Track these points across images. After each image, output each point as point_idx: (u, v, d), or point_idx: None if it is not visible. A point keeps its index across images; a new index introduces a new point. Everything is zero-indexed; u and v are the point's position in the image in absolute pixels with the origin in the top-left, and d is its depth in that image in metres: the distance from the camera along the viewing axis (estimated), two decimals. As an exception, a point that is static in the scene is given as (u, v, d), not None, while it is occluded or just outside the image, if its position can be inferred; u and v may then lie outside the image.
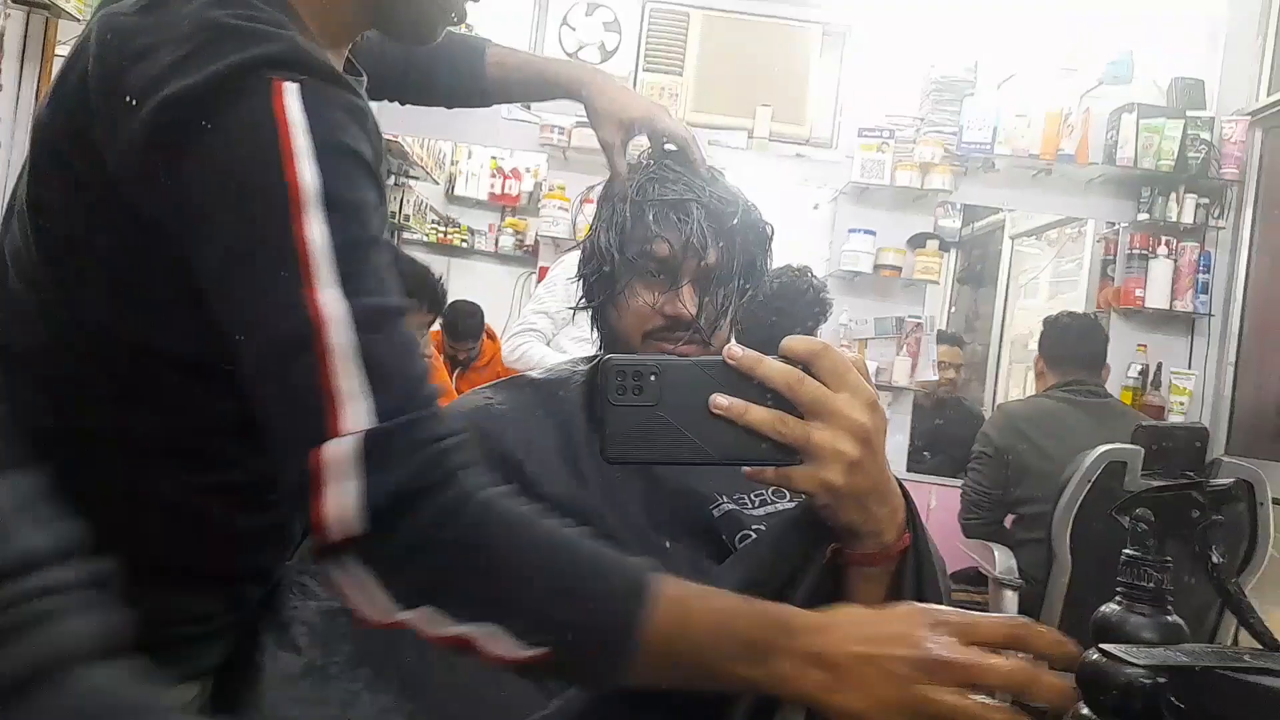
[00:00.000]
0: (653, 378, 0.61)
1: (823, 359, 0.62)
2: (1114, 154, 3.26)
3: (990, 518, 2.65)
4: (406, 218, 4.68)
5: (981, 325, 5.02)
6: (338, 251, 0.58)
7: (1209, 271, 3.30)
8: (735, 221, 0.96)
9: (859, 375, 0.62)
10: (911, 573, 0.67)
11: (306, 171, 0.59)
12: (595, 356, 1.12)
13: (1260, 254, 3.29)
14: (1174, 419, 3.24)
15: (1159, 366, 3.34)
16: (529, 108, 3.36)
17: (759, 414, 0.60)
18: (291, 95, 0.60)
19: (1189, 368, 3.37)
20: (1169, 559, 0.71)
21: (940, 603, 0.68)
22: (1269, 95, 3.26)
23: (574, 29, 3.32)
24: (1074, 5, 3.36)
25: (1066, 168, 3.29)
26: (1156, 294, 3.29)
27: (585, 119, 1.19)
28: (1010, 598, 2.30)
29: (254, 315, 0.60)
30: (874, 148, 3.25)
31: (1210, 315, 3.33)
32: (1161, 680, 0.66)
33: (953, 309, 5.14)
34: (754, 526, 0.90)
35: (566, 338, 2.66)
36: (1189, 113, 3.25)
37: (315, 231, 0.58)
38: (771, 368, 0.61)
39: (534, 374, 1.09)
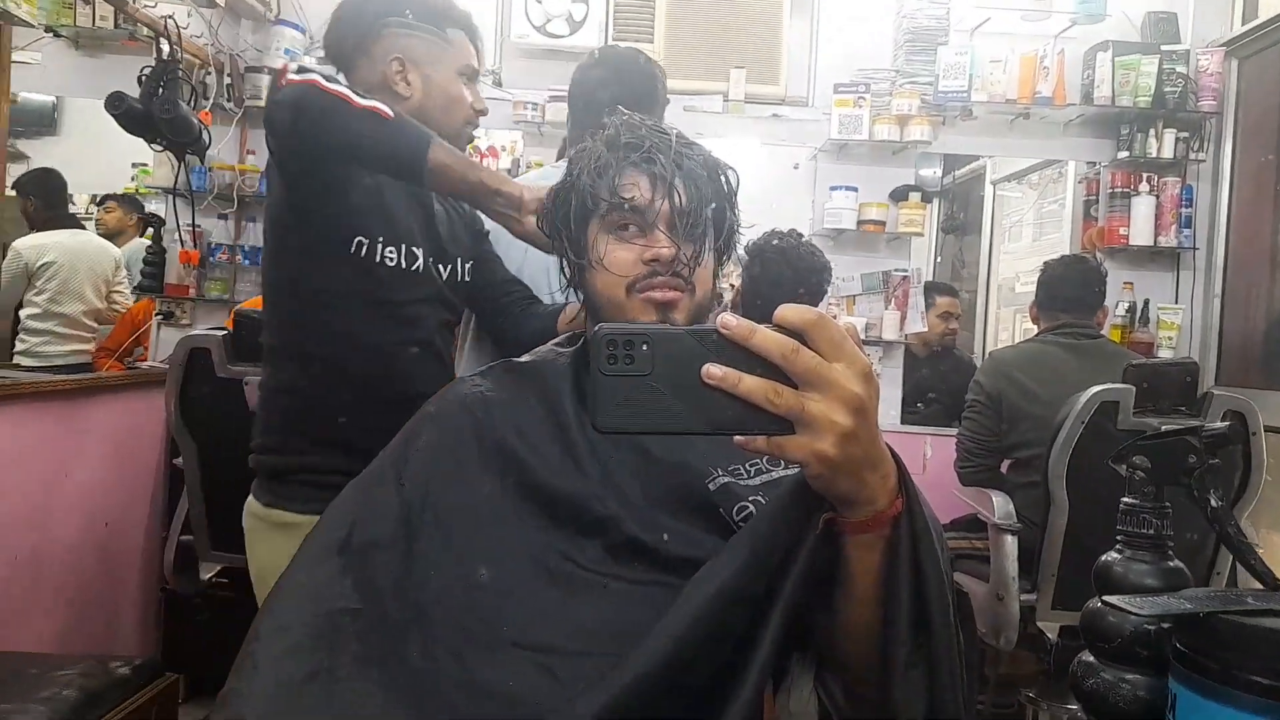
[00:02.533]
0: (644, 347, 0.60)
1: (818, 328, 0.61)
2: (1091, 93, 3.24)
3: (986, 464, 2.67)
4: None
5: (968, 273, 5.02)
6: None
7: (1191, 205, 3.30)
8: (697, 161, 1.00)
9: (854, 345, 0.62)
10: (906, 536, 0.68)
11: None
12: (577, 336, 1.12)
13: (1241, 184, 3.29)
14: (1163, 354, 3.25)
15: (1146, 303, 3.35)
16: (500, 84, 3.32)
17: (752, 383, 0.60)
18: None
19: (1175, 302, 3.38)
20: (1167, 504, 0.72)
21: (938, 565, 0.68)
22: (1242, 24, 3.25)
23: (540, 1, 3.27)
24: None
25: (1044, 110, 3.27)
26: (1140, 231, 3.29)
27: (558, 93, 1.25)
28: (1010, 542, 2.33)
29: None
30: (850, 103, 3.22)
31: (1195, 249, 3.33)
32: (1165, 627, 0.67)
33: (938, 259, 5.13)
34: (751, 498, 0.90)
35: None
36: (1163, 47, 3.23)
37: None
38: (766, 337, 0.60)
39: (520, 359, 1.10)
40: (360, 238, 1.41)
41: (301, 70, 1.26)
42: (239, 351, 2.17)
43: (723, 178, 1.02)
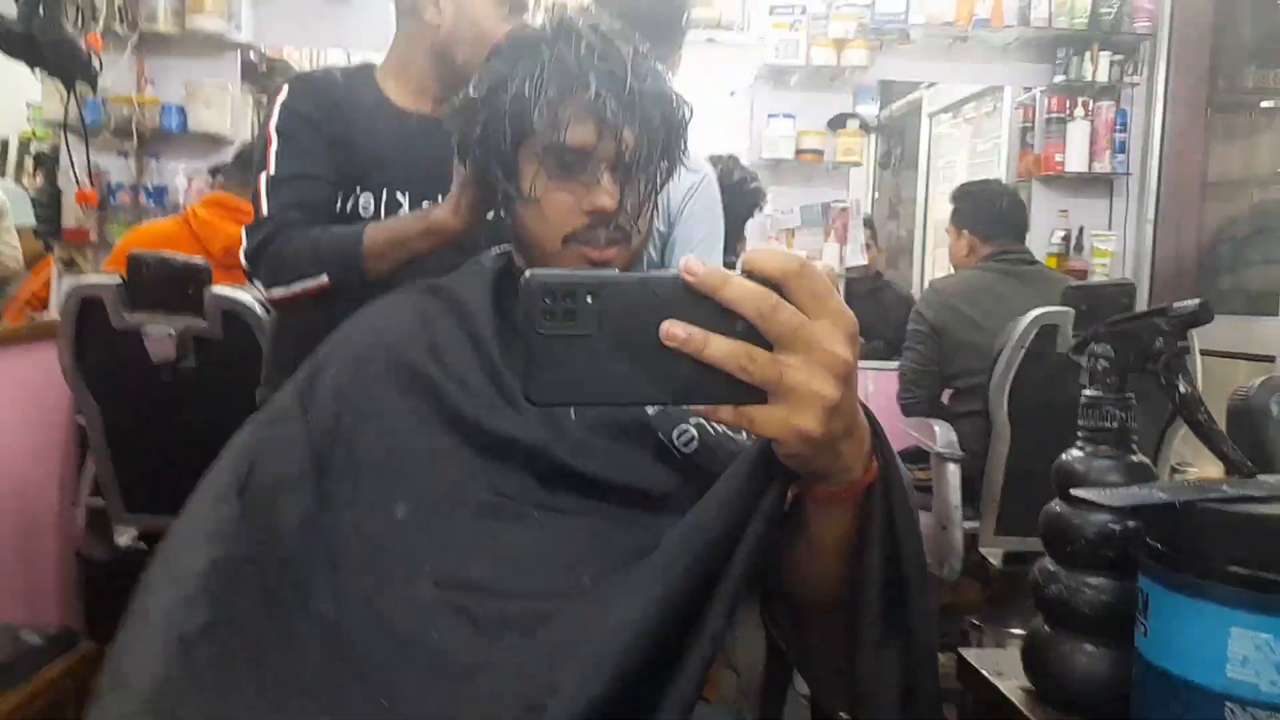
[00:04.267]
0: (589, 300, 0.49)
1: (799, 278, 0.50)
2: (1028, 15, 3.21)
3: (927, 394, 2.65)
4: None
5: (904, 210, 5.02)
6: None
7: (1125, 129, 3.30)
8: (651, 97, 0.87)
9: (839, 298, 0.52)
10: (880, 499, 0.60)
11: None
12: (503, 250, 1.02)
13: (1175, 108, 3.29)
14: (1098, 279, 3.26)
15: (1080, 230, 3.36)
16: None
17: (722, 347, 0.49)
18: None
19: (1109, 229, 3.39)
20: (1130, 395, 0.66)
21: (915, 533, 0.61)
22: (1176, -56, 3.22)
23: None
24: None
25: (982, 34, 3.22)
26: (1075, 157, 3.28)
27: None
28: (953, 470, 2.32)
29: None
30: (786, 26, 3.13)
31: (1129, 174, 3.34)
32: (1132, 525, 0.62)
33: (875, 195, 5.12)
34: (692, 420, 0.83)
35: None
36: (1099, -33, 3.19)
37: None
38: (740, 289, 0.49)
39: (433, 281, 1.01)
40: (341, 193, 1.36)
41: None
42: (135, 299, 2.01)
43: (677, 114, 0.91)
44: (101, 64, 2.58)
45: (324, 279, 1.23)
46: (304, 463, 0.82)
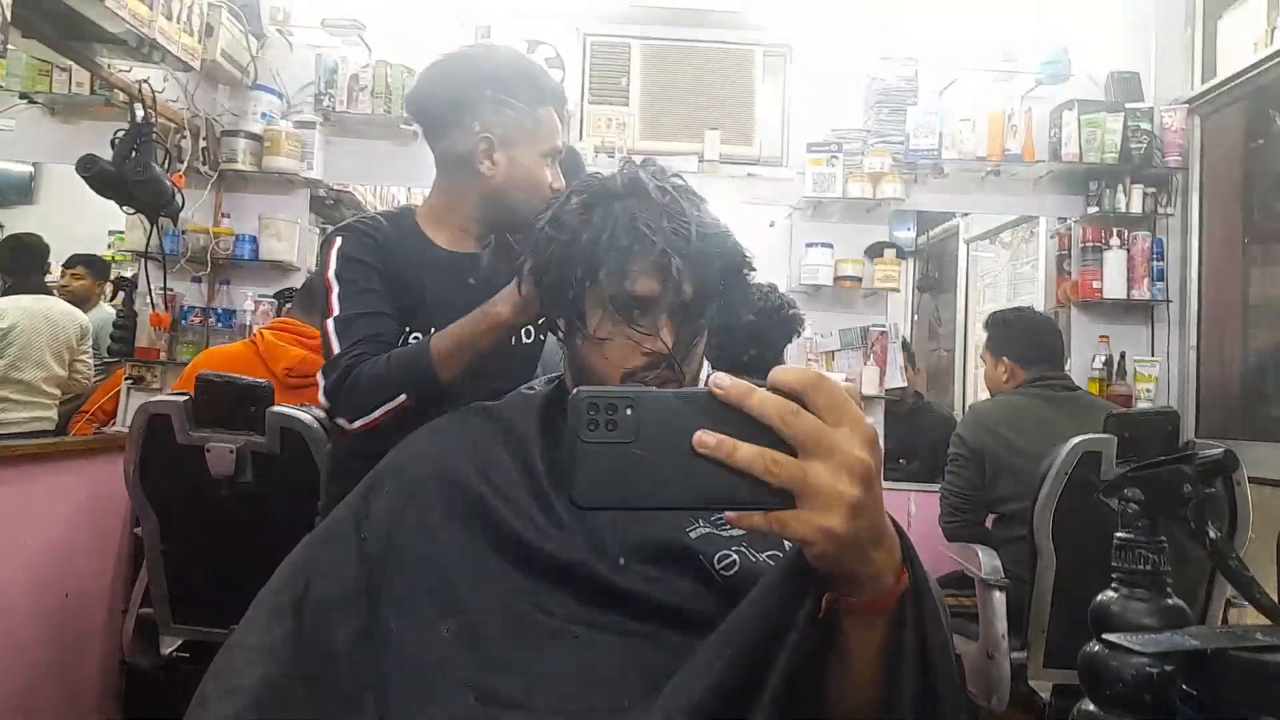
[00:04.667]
0: (629, 412, 0.54)
1: (819, 390, 0.55)
2: (1059, 150, 3.30)
3: (970, 519, 2.62)
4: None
5: (944, 331, 5.05)
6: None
7: (1163, 258, 3.34)
8: (712, 246, 0.94)
9: (857, 408, 0.56)
10: (912, 614, 0.62)
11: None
12: (553, 379, 1.09)
13: (1210, 237, 3.33)
14: (1142, 405, 3.25)
15: (1122, 355, 3.36)
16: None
17: (748, 452, 0.53)
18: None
19: (1152, 354, 3.39)
20: (1163, 538, 0.69)
21: (946, 646, 0.64)
22: (1203, 83, 3.33)
23: (515, 65, 3.30)
24: (1004, 9, 3.41)
25: (1014, 167, 3.32)
26: (1113, 284, 3.31)
27: None
28: (998, 598, 2.27)
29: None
30: (823, 162, 3.26)
31: (1169, 301, 3.36)
32: (1170, 669, 0.63)
33: (915, 317, 5.17)
34: (735, 547, 0.86)
35: None
36: (1127, 105, 3.30)
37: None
38: (763, 400, 0.54)
39: (488, 403, 1.06)
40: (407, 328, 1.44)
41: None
42: (200, 417, 2.11)
43: (734, 262, 0.98)
44: (183, 200, 2.79)
45: (402, 397, 1.27)
46: (357, 582, 0.86)
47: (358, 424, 1.30)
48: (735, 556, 0.85)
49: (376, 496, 0.93)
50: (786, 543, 0.85)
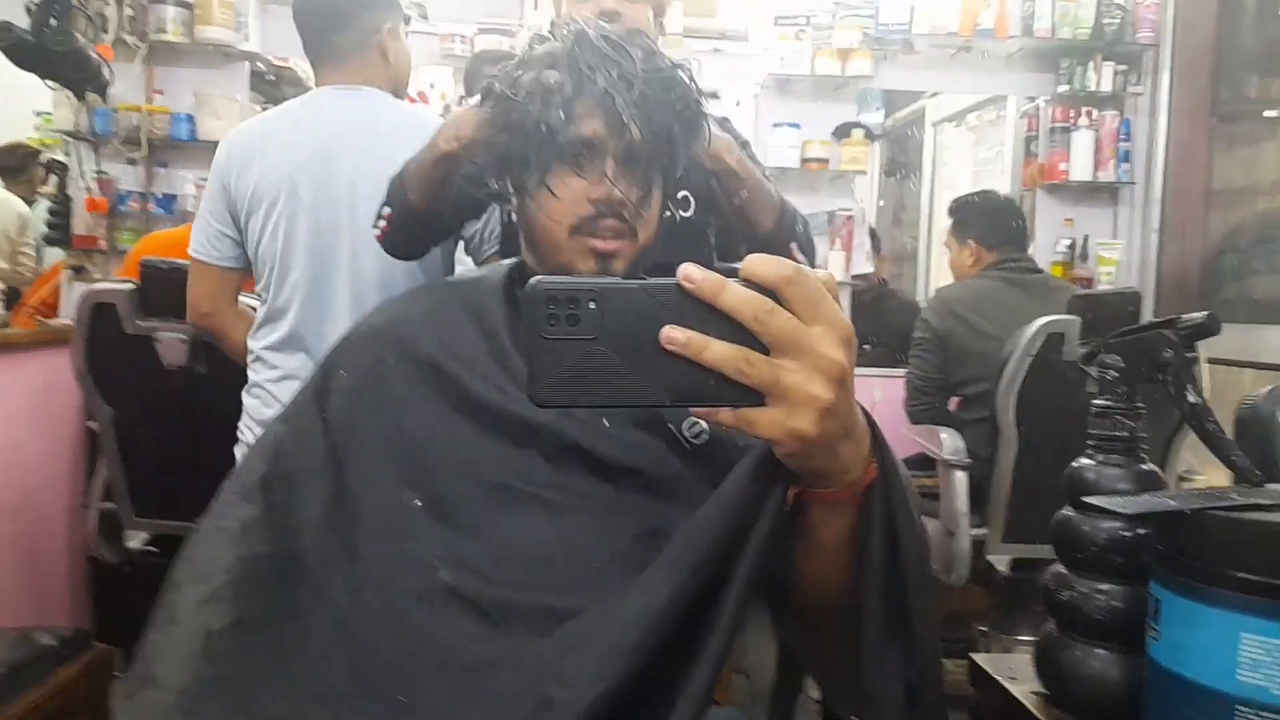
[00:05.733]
0: (591, 305, 0.51)
1: (795, 285, 0.52)
2: (1031, 26, 3.21)
3: (934, 402, 2.66)
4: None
5: (908, 217, 5.03)
6: None
7: (1129, 139, 3.31)
8: (661, 88, 0.89)
9: (834, 304, 0.53)
10: (880, 501, 0.61)
11: None
12: (516, 263, 1.05)
13: (1178, 117, 3.30)
14: (1103, 288, 3.27)
15: (1085, 239, 3.37)
16: (425, 17, 3.16)
17: (720, 350, 0.51)
18: None
19: (1114, 237, 3.40)
20: (1140, 404, 0.68)
21: (915, 533, 0.63)
22: (1179, -46, 3.23)
23: (466, -70, 3.10)
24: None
25: (985, 44, 3.23)
26: (1080, 166, 3.29)
27: (488, 26, 1.17)
28: (960, 478, 2.32)
29: None
30: (791, 36, 3.14)
31: (1133, 184, 3.35)
32: (1143, 531, 0.63)
33: (881, 202, 5.13)
34: None
35: None
36: (1102, -23, 3.20)
37: None
38: (736, 295, 0.51)
39: (450, 279, 1.04)
40: None
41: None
42: (147, 305, 2.03)
43: (689, 111, 0.93)
44: (112, 73, 2.62)
45: (388, 210, 1.30)
46: (324, 456, 0.86)
47: (373, 232, 1.34)
48: (704, 425, 0.84)
49: (335, 372, 0.92)
50: None
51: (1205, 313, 0.61)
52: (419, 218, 1.27)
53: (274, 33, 3.19)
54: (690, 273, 0.51)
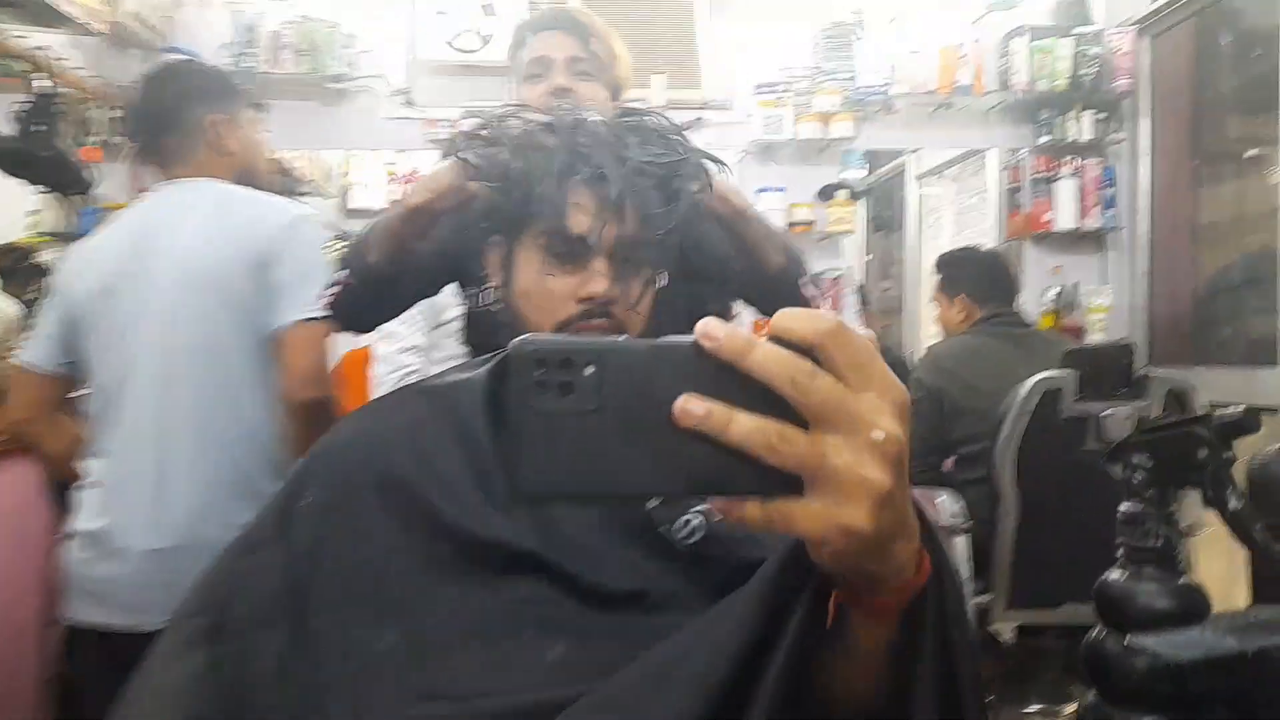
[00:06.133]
0: (589, 370, 0.42)
1: (838, 342, 0.42)
2: (1009, 80, 3.24)
3: (930, 462, 2.60)
4: (300, 234, 4.41)
5: (896, 271, 5.03)
6: None
7: (1113, 185, 3.32)
8: (658, 173, 0.84)
9: (884, 366, 0.44)
10: (933, 608, 0.51)
11: None
12: (500, 350, 0.99)
13: (1160, 160, 3.31)
14: (1095, 337, 3.25)
15: (1075, 286, 3.35)
16: (411, 103, 3.18)
17: (748, 425, 0.41)
18: None
19: (1103, 283, 3.38)
20: (1174, 509, 0.63)
21: (968, 632, 0.54)
22: (1152, 3, 3.27)
23: (445, 14, 3.14)
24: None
25: (964, 100, 3.26)
26: (1064, 215, 3.30)
27: (471, 107, 1.14)
28: (961, 542, 2.25)
29: None
30: (772, 103, 3.17)
31: (1119, 229, 3.35)
32: (1191, 659, 0.58)
33: (869, 257, 5.14)
34: (695, 509, 0.78)
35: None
36: (1076, 29, 3.24)
37: None
38: (768, 357, 0.42)
39: (425, 383, 0.96)
40: None
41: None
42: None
43: (685, 202, 0.88)
44: (96, 175, 2.61)
45: (344, 274, 1.23)
46: (283, 595, 0.76)
47: (319, 305, 1.29)
48: (697, 520, 0.77)
49: (301, 495, 0.82)
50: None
51: (1243, 407, 0.57)
52: (379, 282, 1.19)
53: (268, 130, 3.19)
54: (710, 329, 0.42)
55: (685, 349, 0.42)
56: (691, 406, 0.41)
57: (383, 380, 2.03)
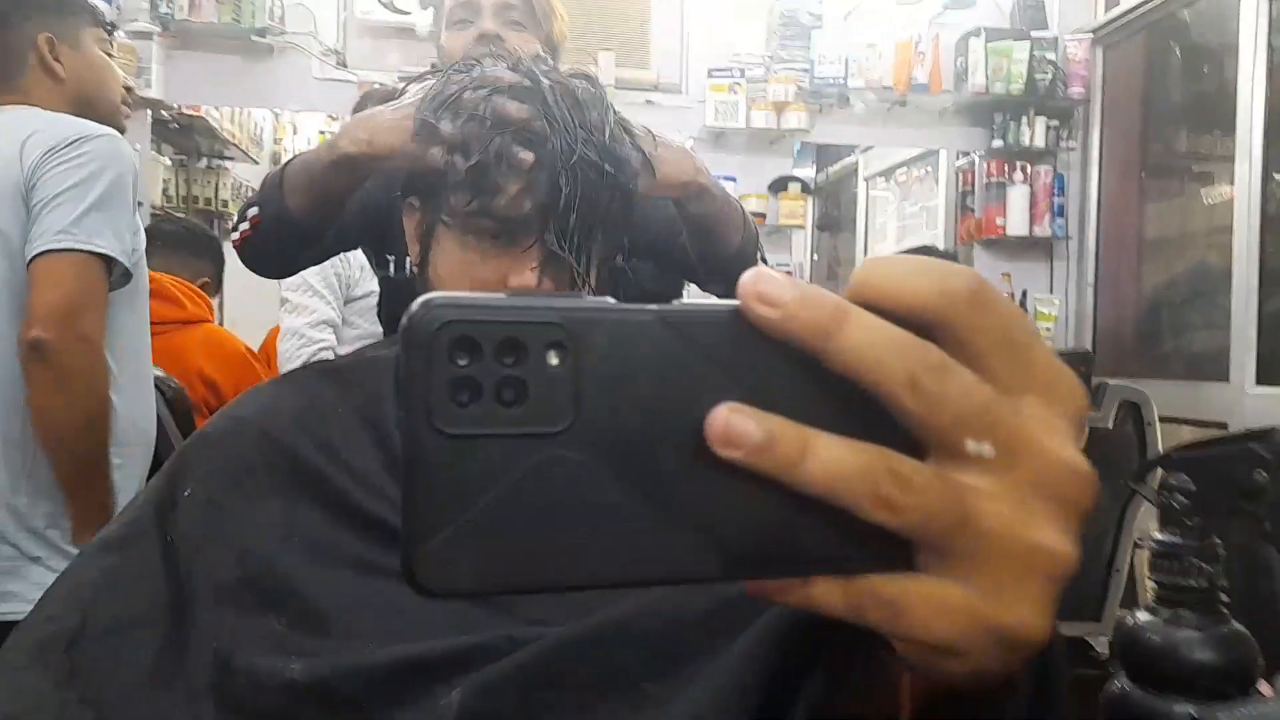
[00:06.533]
0: (553, 356, 0.24)
1: (981, 315, 0.25)
2: (965, 81, 3.19)
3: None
4: (224, 203, 4.17)
5: (843, 272, 5.00)
6: None
7: (1063, 194, 3.30)
8: (598, 147, 0.74)
9: (1051, 352, 0.27)
10: (1030, 691, 0.32)
11: None
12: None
13: (1109, 172, 3.31)
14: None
15: (1024, 294, 3.33)
16: (344, 65, 2.99)
17: (838, 456, 0.24)
18: None
19: (1050, 292, 3.37)
20: (1218, 541, 0.52)
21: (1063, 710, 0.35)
22: (1106, 12, 3.25)
23: (384, -20, 2.96)
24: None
25: (920, 98, 3.20)
26: (1015, 221, 3.27)
27: (407, 71, 1.03)
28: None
29: None
30: (725, 89, 3.06)
31: (1068, 238, 3.33)
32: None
33: (815, 257, 5.09)
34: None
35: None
36: (1033, 33, 3.20)
37: None
38: (871, 337, 0.24)
39: (334, 361, 0.86)
40: None
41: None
42: None
43: (628, 189, 0.78)
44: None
45: (255, 210, 1.07)
46: (164, 594, 0.64)
47: (232, 239, 1.13)
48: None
49: (184, 479, 0.71)
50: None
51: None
52: (294, 229, 1.05)
53: (179, 80, 2.97)
54: (766, 287, 0.24)
55: (716, 322, 0.24)
56: (738, 424, 0.23)
57: (290, 357, 1.85)
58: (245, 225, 1.09)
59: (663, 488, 0.24)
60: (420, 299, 0.24)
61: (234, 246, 1.13)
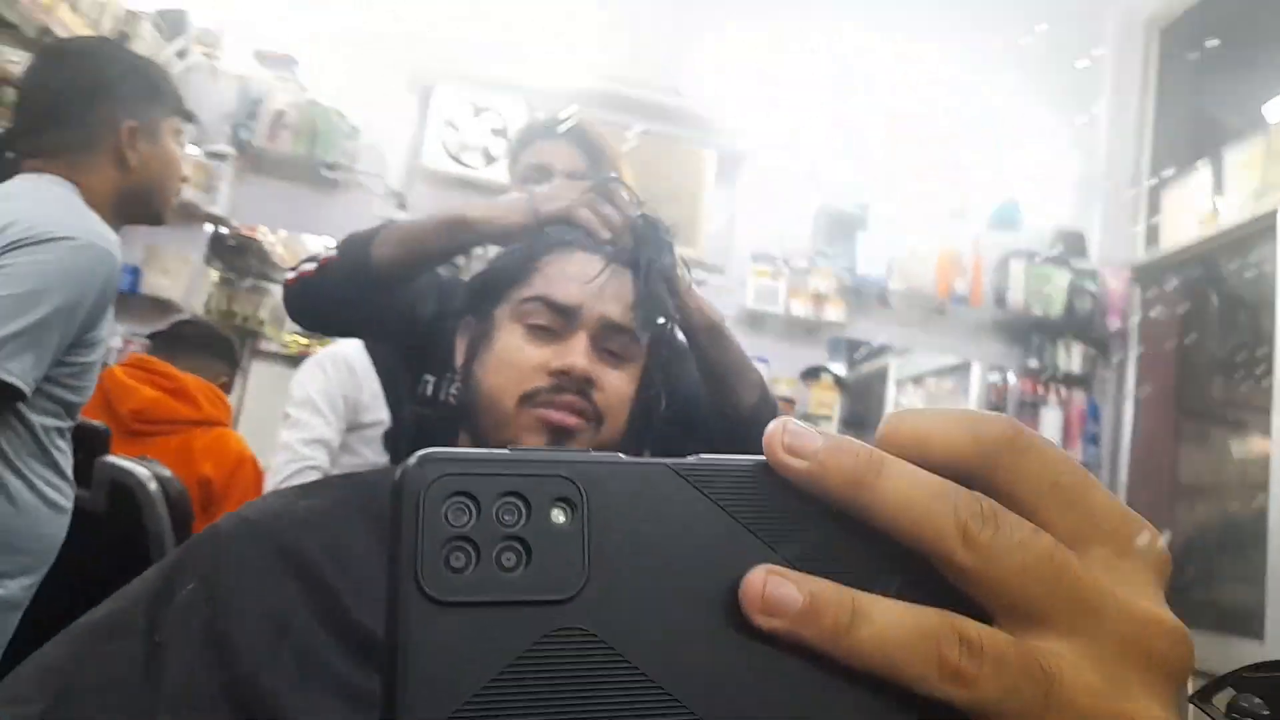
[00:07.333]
0: (559, 514, 0.21)
1: (1026, 459, 0.23)
2: (1004, 298, 3.23)
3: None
4: (261, 322, 4.23)
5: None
6: None
7: (1098, 422, 3.26)
8: (656, 281, 0.82)
9: (1112, 496, 0.24)
10: None
11: None
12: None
13: (1144, 407, 3.27)
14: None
15: (1052, 520, 3.23)
16: (404, 207, 3.11)
17: (896, 621, 0.21)
18: None
19: (1079, 522, 3.26)
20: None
21: None
22: (1146, 250, 3.32)
23: (457, 129, 3.12)
24: (959, 151, 3.40)
25: (959, 309, 3.25)
26: (1048, 443, 3.21)
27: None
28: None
29: None
30: (767, 274, 3.14)
31: (1100, 468, 3.26)
32: None
33: (839, 452, 5.05)
34: None
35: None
36: (1073, 262, 3.27)
37: None
38: (911, 486, 0.22)
39: (358, 472, 0.90)
40: None
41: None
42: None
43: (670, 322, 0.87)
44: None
45: (327, 254, 1.05)
46: (136, 698, 0.59)
47: (288, 277, 1.10)
48: None
49: (185, 575, 0.66)
50: None
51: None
52: (367, 275, 0.99)
53: (245, 200, 3.12)
54: (794, 437, 0.22)
55: (740, 476, 0.22)
56: (778, 589, 0.21)
57: (278, 472, 1.78)
58: (310, 265, 1.06)
59: (687, 664, 0.21)
60: (416, 453, 0.21)
61: (285, 285, 1.10)
